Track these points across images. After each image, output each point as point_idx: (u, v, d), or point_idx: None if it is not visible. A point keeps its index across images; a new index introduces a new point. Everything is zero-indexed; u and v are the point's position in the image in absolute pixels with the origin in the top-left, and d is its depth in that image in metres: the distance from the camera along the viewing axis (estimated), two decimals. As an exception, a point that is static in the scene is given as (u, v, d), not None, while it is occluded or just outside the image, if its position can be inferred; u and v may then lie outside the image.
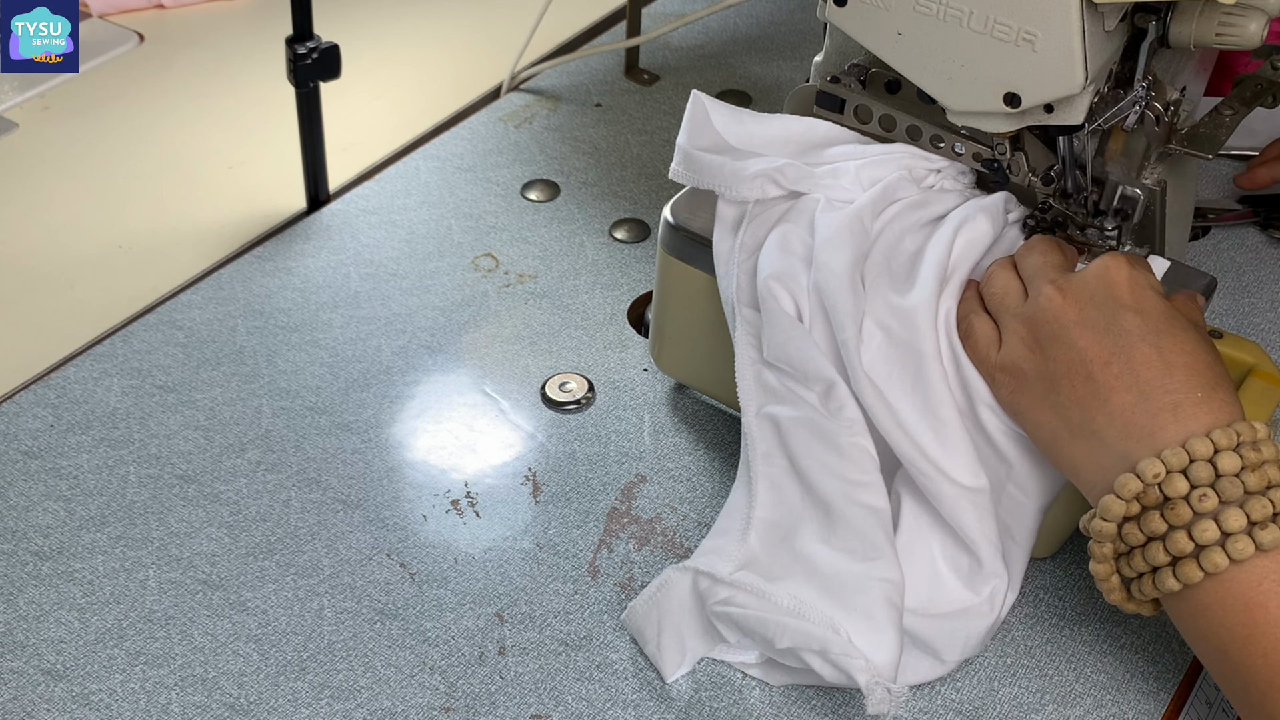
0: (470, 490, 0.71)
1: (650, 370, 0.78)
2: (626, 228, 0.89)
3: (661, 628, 0.62)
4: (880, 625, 0.58)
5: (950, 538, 0.62)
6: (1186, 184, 0.73)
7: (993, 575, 0.61)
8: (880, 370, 0.62)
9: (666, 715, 0.61)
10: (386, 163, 0.95)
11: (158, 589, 0.65)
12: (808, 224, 0.65)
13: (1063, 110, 0.61)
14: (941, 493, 0.60)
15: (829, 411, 0.61)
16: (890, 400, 0.61)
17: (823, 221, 0.64)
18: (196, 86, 1.05)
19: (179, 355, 0.78)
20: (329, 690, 0.61)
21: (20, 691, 0.61)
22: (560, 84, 1.03)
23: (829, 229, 0.64)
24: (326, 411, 0.75)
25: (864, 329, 0.62)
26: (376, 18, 1.15)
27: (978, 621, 0.61)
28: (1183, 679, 0.63)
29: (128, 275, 0.86)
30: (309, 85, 0.85)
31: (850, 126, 0.69)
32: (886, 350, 0.62)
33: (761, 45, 1.08)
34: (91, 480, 0.70)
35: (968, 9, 0.60)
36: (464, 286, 0.84)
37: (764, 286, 0.63)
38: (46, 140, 0.99)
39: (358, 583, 0.66)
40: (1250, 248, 0.88)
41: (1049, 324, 0.59)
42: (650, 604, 0.63)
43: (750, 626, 0.60)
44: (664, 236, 0.70)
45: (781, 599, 0.60)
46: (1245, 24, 0.60)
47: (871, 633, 0.58)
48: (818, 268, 0.63)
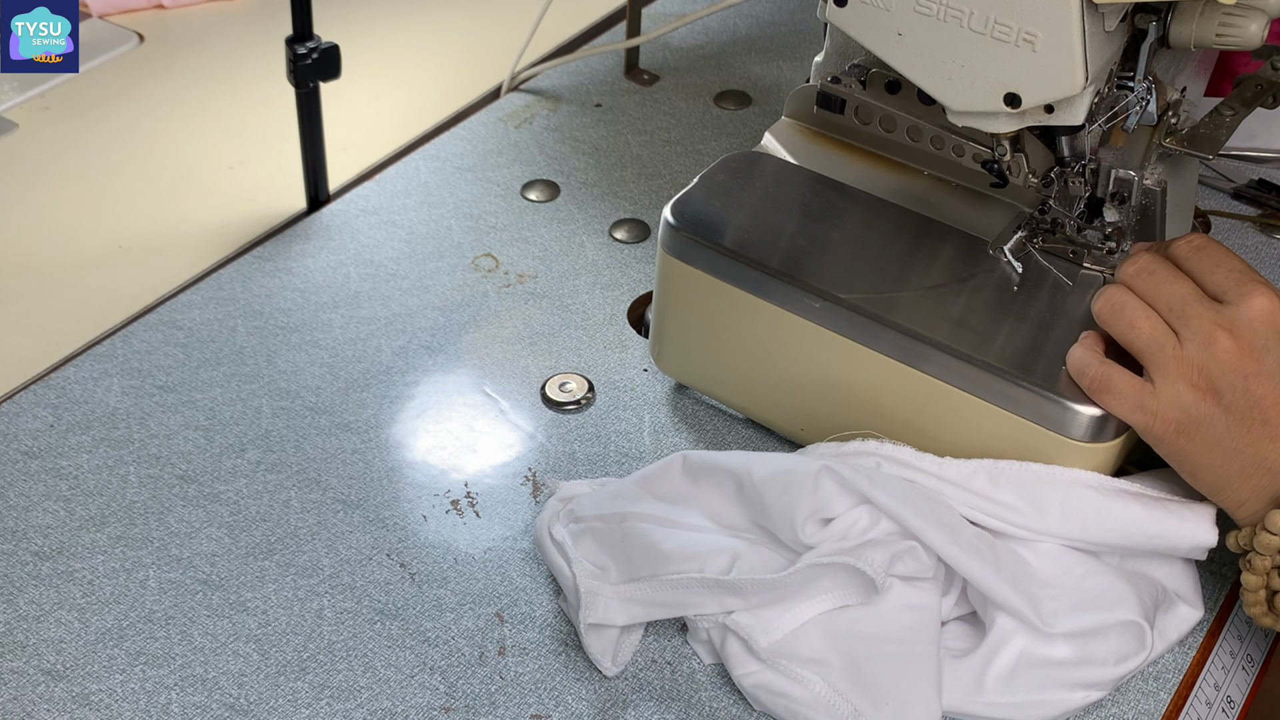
0: (470, 490, 0.71)
1: (650, 370, 0.78)
2: (626, 228, 0.89)
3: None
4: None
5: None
6: (1186, 184, 0.73)
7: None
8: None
9: (666, 716, 0.61)
10: (386, 163, 0.95)
11: (158, 589, 0.65)
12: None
13: (1063, 111, 0.61)
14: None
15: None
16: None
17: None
18: (196, 86, 1.05)
19: (179, 355, 0.78)
20: (329, 690, 0.61)
21: (20, 691, 0.61)
22: (560, 84, 1.03)
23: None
24: (326, 411, 0.75)
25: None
26: (376, 18, 1.15)
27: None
28: (1183, 679, 0.64)
29: (128, 275, 0.86)
30: (309, 85, 0.85)
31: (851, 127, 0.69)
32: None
33: (761, 45, 1.08)
34: (91, 480, 0.70)
35: (968, 9, 0.60)
36: (464, 286, 0.84)
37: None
38: (46, 140, 0.99)
39: (358, 583, 0.66)
40: (1250, 248, 0.88)
41: (1226, 375, 0.59)
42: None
43: (777, 713, 0.60)
44: (664, 237, 0.70)
45: (815, 686, 0.59)
46: (1245, 24, 0.60)
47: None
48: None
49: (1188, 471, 0.61)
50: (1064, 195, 0.67)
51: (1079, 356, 0.62)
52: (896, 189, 0.73)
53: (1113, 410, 0.61)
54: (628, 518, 0.64)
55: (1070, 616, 0.60)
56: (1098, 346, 0.62)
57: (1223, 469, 0.59)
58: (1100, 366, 0.61)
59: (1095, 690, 0.60)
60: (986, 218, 0.71)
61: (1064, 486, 0.62)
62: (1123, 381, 0.60)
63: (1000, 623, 0.60)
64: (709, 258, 0.69)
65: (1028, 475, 0.62)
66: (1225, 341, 0.59)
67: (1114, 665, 0.60)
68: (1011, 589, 0.59)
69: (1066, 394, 0.61)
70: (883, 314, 0.65)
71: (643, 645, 0.64)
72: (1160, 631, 0.62)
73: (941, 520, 0.60)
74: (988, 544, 0.61)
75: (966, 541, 0.60)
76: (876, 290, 0.66)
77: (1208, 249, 0.61)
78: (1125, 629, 0.60)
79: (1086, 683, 0.60)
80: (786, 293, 0.67)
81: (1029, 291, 0.67)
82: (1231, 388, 0.59)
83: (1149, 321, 0.61)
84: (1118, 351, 0.62)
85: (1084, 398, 0.61)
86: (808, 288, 0.66)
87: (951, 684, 0.60)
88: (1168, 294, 0.61)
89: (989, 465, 0.63)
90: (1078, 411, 0.61)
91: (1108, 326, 0.62)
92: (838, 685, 0.58)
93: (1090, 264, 0.68)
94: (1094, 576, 0.61)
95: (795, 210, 0.71)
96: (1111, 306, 0.62)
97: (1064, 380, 0.62)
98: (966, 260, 0.69)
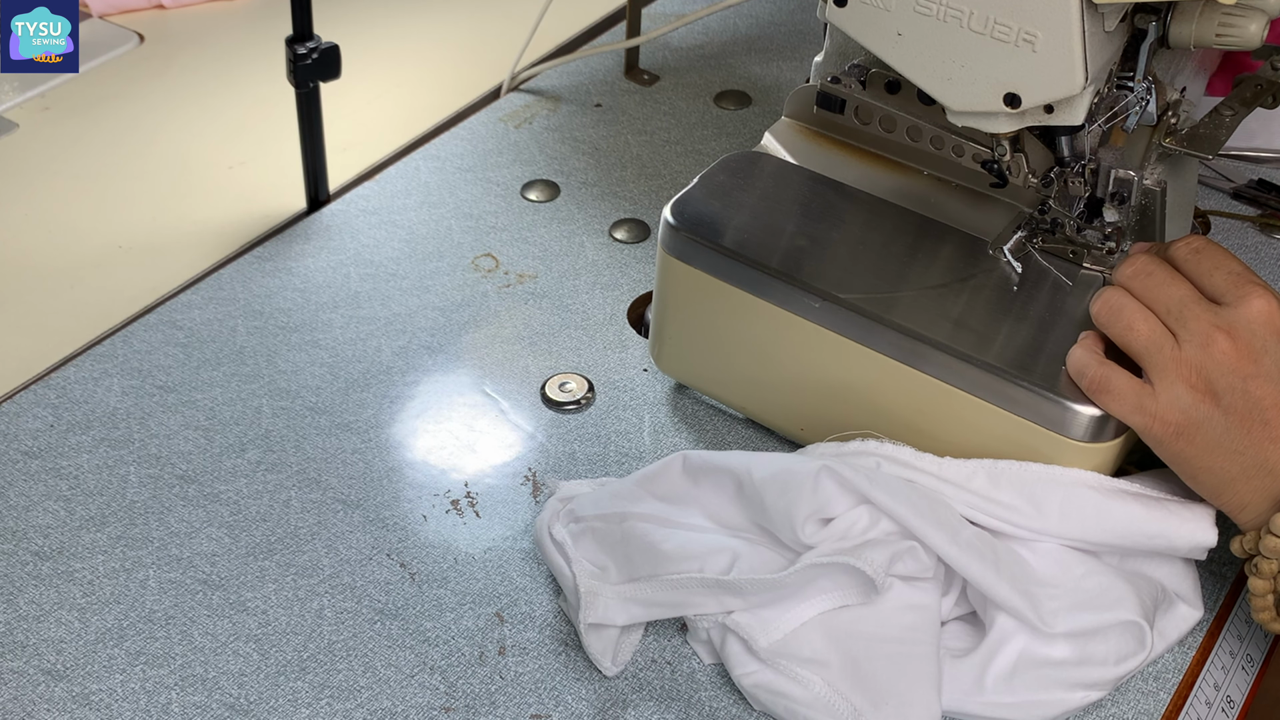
0: (470, 490, 0.71)
1: (650, 370, 0.78)
2: (626, 228, 0.89)
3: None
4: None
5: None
6: (1186, 183, 0.73)
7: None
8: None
9: (666, 716, 0.61)
10: (386, 163, 0.95)
11: (158, 589, 0.65)
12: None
13: (1063, 111, 0.61)
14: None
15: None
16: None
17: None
18: (196, 86, 1.05)
19: (179, 355, 0.78)
20: (329, 690, 0.61)
21: (20, 691, 0.61)
22: (560, 84, 1.03)
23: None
24: (326, 411, 0.75)
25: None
26: (376, 18, 1.15)
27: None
28: (1183, 679, 0.64)
29: (128, 275, 0.86)
30: (309, 85, 0.85)
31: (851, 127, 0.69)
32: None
33: (761, 45, 1.08)
34: (91, 480, 0.70)
35: (968, 9, 0.60)
36: (464, 286, 0.84)
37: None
38: (46, 140, 0.99)
39: (358, 583, 0.66)
40: (1250, 247, 0.88)
41: (1225, 376, 0.59)
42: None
43: (777, 713, 0.60)
44: (664, 236, 0.70)
45: (815, 686, 0.59)
46: (1245, 24, 0.60)
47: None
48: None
49: (1188, 475, 0.61)
50: (1064, 195, 0.67)
51: (1078, 357, 0.62)
52: (896, 189, 0.73)
53: (1112, 411, 0.61)
54: (628, 518, 0.64)
55: (1070, 616, 0.60)
56: (1097, 347, 0.62)
57: (1223, 471, 0.59)
58: (1099, 367, 0.61)
59: (1095, 690, 0.60)
60: (986, 218, 0.71)
61: (1064, 487, 0.62)
62: (1122, 383, 0.60)
63: (1000, 623, 0.60)
64: (709, 258, 0.69)
65: (1027, 475, 0.62)
66: (1223, 343, 0.59)
67: (1114, 665, 0.60)
68: (1011, 589, 0.59)
69: (1066, 394, 0.61)
70: (883, 314, 0.65)
71: (643, 645, 0.64)
72: (1160, 631, 0.62)
73: (941, 520, 0.60)
74: (987, 544, 0.61)
75: (966, 541, 0.60)
76: (876, 290, 0.66)
77: (1206, 251, 0.61)
78: (1125, 629, 0.60)
79: (1086, 683, 0.60)
80: (786, 293, 0.67)
81: (1029, 291, 0.67)
82: (1230, 389, 0.58)
83: (1147, 324, 0.60)
84: (1118, 353, 0.62)
85: (1083, 398, 0.61)
86: (807, 288, 0.66)
87: (951, 684, 0.60)
88: (1165, 296, 0.61)
89: (988, 465, 0.63)
90: (1077, 411, 0.61)
91: (1106, 328, 0.62)
92: (838, 685, 0.58)
93: (1090, 264, 0.68)
94: (1094, 576, 0.61)
95: (795, 210, 0.71)
96: (1109, 308, 0.62)
97: (1064, 380, 0.62)
98: (966, 260, 0.69)
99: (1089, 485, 0.62)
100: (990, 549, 0.60)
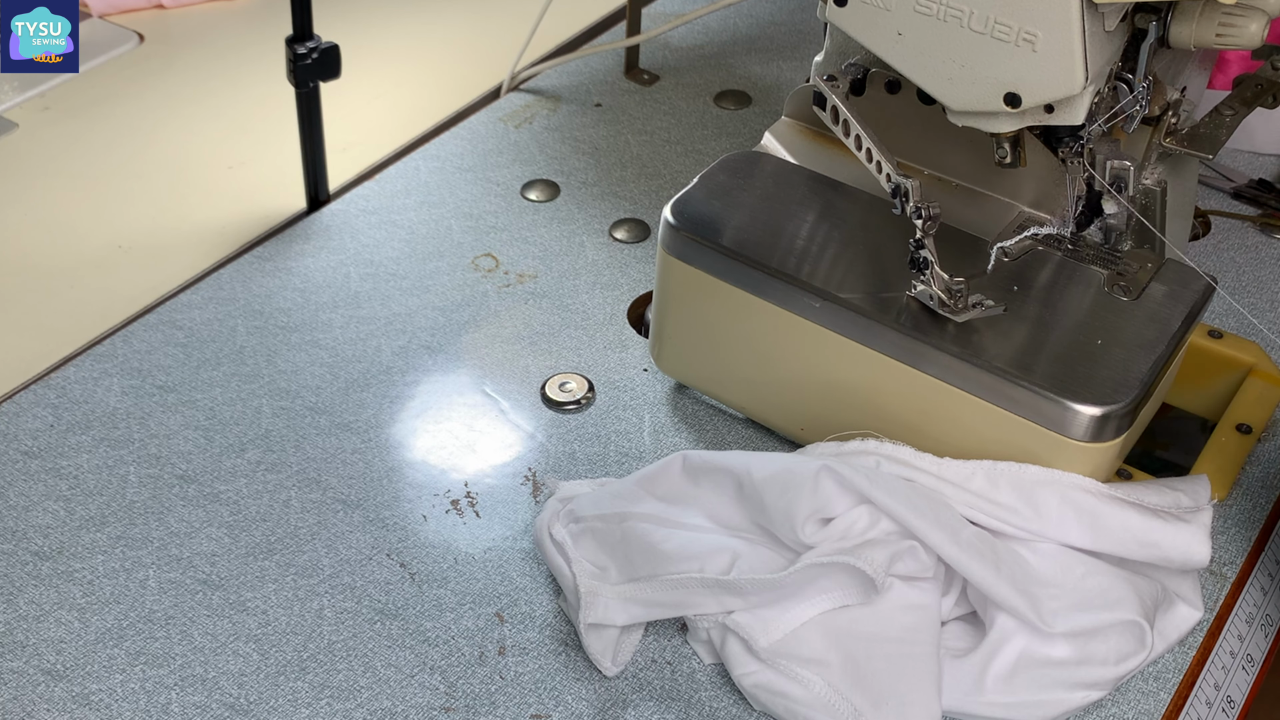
0: (470, 490, 0.71)
1: (650, 370, 0.78)
2: (626, 228, 0.89)
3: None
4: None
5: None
6: (1186, 183, 0.73)
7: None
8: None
9: (666, 716, 0.61)
10: (386, 163, 0.95)
11: (158, 589, 0.65)
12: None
13: (1063, 110, 0.61)
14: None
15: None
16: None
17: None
18: (196, 86, 1.06)
19: (179, 355, 0.78)
20: (329, 690, 0.61)
21: (20, 691, 0.61)
22: (560, 84, 1.03)
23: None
24: (326, 411, 0.75)
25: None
26: (376, 18, 1.15)
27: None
28: (1183, 679, 0.64)
29: (128, 275, 0.86)
30: (309, 85, 0.85)
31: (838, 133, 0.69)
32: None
33: (761, 45, 1.08)
34: (91, 480, 0.70)
35: (968, 9, 0.60)
36: (464, 286, 0.84)
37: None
38: (46, 140, 0.99)
39: (358, 583, 0.66)
40: (1250, 247, 0.88)
41: None
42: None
43: (777, 713, 0.60)
44: (664, 236, 0.70)
45: (815, 686, 0.59)
46: (1245, 24, 0.60)
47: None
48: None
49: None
50: (1101, 226, 0.67)
51: None
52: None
53: None
54: (628, 518, 0.64)
55: (1070, 616, 0.60)
56: None
57: None
58: None
59: (1095, 690, 0.60)
60: (986, 218, 0.71)
61: (1061, 490, 0.62)
62: None
63: (1000, 622, 0.60)
64: (709, 257, 0.69)
65: (1026, 477, 0.62)
66: None
67: (1114, 665, 0.60)
68: (1011, 589, 0.59)
69: (1066, 394, 0.61)
70: (883, 314, 0.65)
71: (643, 645, 0.64)
72: (1160, 631, 0.62)
73: (941, 520, 0.60)
74: (988, 544, 0.61)
75: (966, 541, 0.60)
76: (876, 290, 0.66)
77: None
78: (1125, 629, 0.60)
79: (1086, 682, 0.60)
80: (786, 292, 0.67)
81: (1029, 291, 0.67)
82: None
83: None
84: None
85: (1083, 398, 0.61)
86: (807, 287, 0.66)
87: (951, 684, 0.60)
88: None
89: (987, 466, 0.63)
90: (1077, 411, 0.61)
91: None
92: (837, 685, 0.58)
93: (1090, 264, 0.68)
94: (1094, 576, 0.61)
95: (795, 210, 0.71)
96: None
97: (1063, 380, 0.62)
98: (966, 260, 0.69)
99: (1086, 490, 0.62)
100: (990, 549, 0.60)
